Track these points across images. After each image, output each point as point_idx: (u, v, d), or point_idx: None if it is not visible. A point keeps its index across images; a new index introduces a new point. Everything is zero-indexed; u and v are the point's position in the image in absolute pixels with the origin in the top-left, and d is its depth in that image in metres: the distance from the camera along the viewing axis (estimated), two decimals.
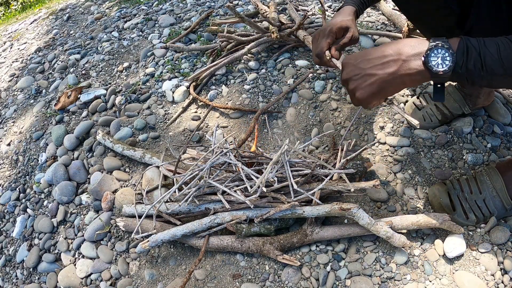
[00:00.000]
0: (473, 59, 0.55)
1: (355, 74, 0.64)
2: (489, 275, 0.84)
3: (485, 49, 0.55)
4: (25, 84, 1.98)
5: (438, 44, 0.56)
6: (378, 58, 0.61)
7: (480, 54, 0.55)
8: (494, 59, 0.55)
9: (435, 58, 0.56)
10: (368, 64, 0.62)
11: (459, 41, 0.57)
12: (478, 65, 0.55)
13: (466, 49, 0.56)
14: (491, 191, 0.88)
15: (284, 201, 0.90)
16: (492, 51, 0.55)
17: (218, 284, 0.94)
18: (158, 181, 1.13)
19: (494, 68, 0.55)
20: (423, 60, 0.57)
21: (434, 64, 0.56)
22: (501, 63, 0.55)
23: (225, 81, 1.44)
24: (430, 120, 1.11)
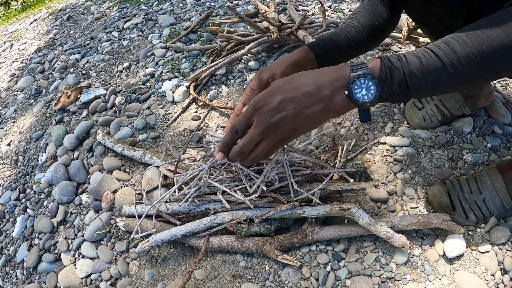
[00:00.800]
0: (397, 82, 0.53)
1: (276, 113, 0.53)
2: (489, 275, 0.84)
3: (408, 67, 0.53)
4: (25, 84, 1.98)
5: (360, 75, 0.52)
6: (300, 97, 0.53)
7: (404, 75, 0.53)
8: (418, 77, 0.53)
9: (359, 89, 0.53)
10: (290, 104, 0.53)
11: (380, 65, 0.54)
12: (403, 86, 0.53)
13: (390, 73, 0.53)
14: (491, 191, 0.88)
15: (284, 201, 0.90)
16: (415, 68, 0.53)
17: (218, 284, 0.94)
18: (158, 181, 1.13)
19: (420, 86, 0.53)
20: (347, 94, 0.54)
21: (359, 96, 0.53)
22: (425, 79, 0.53)
23: (225, 81, 1.44)
24: (430, 120, 1.11)
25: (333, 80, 0.54)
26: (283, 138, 0.56)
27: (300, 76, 0.55)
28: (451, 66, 0.52)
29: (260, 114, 0.54)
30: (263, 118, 0.54)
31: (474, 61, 0.51)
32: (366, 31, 0.87)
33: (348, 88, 0.53)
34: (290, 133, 0.56)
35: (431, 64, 0.52)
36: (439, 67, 0.52)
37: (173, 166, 1.09)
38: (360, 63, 0.54)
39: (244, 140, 0.56)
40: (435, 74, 0.52)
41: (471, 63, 0.51)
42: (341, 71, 0.54)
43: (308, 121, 0.55)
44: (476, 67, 0.51)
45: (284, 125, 0.54)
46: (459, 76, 0.52)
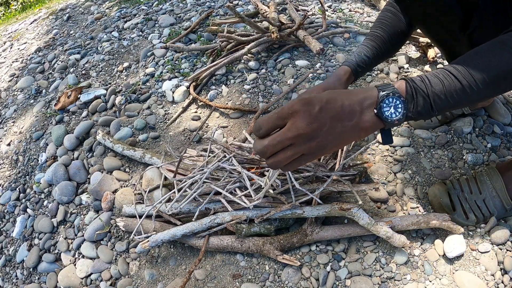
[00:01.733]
0: (422, 102, 0.56)
1: (315, 121, 0.51)
2: (489, 275, 0.84)
3: (432, 89, 0.56)
4: (25, 84, 1.98)
5: (388, 94, 0.54)
6: (337, 109, 0.52)
7: (428, 96, 0.56)
8: (441, 99, 0.56)
9: (388, 108, 0.54)
10: (328, 113, 0.51)
11: (406, 86, 0.56)
12: (427, 107, 0.56)
13: (415, 93, 0.56)
14: (491, 191, 0.88)
15: (284, 201, 0.90)
16: (438, 90, 0.56)
17: (218, 284, 0.94)
18: (158, 181, 1.13)
19: (443, 106, 0.57)
20: (376, 112, 0.54)
21: (388, 115, 0.54)
22: (447, 100, 0.56)
23: (225, 81, 1.44)
24: (430, 120, 1.11)
25: (362, 99, 0.54)
26: (310, 152, 0.53)
27: (333, 92, 0.54)
28: (469, 88, 0.56)
29: (297, 118, 0.50)
30: (299, 123, 0.50)
31: (488, 83, 0.56)
32: (391, 39, 0.93)
33: (377, 106, 0.54)
34: (320, 148, 0.53)
35: (452, 86, 0.56)
36: (459, 89, 0.56)
37: (173, 166, 1.09)
38: (386, 84, 0.56)
39: (271, 141, 0.52)
40: (456, 95, 0.56)
41: (486, 85, 0.56)
42: (370, 91, 0.55)
43: (338, 138, 0.53)
44: (490, 88, 0.57)
45: (318, 136, 0.51)
46: (476, 96, 0.57)
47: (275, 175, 0.86)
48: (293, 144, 0.52)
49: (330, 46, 1.47)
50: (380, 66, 1.35)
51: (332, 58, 1.41)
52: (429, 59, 1.33)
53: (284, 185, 0.91)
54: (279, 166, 0.55)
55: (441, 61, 1.36)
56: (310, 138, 0.52)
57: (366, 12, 1.73)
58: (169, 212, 0.99)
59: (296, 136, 0.51)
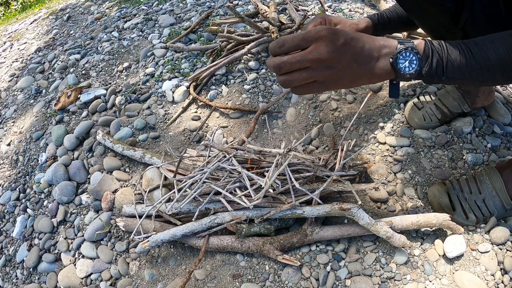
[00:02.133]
0: (436, 64, 0.58)
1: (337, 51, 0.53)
2: (489, 275, 0.84)
3: (447, 55, 0.58)
4: (25, 84, 1.98)
5: (407, 48, 0.57)
6: (358, 48, 0.55)
7: (442, 60, 0.58)
8: (454, 67, 0.58)
9: (403, 60, 0.57)
10: (349, 50, 0.54)
11: (424, 45, 0.59)
12: (439, 70, 0.58)
13: (431, 54, 0.58)
14: (491, 191, 0.88)
15: (284, 201, 0.90)
16: (453, 59, 0.58)
17: (218, 284, 0.94)
18: (158, 181, 1.13)
19: (453, 73, 0.58)
20: (391, 62, 0.57)
21: (402, 67, 0.57)
22: (460, 70, 0.58)
23: (225, 81, 1.44)
24: (430, 119, 1.11)
25: (382, 46, 0.57)
26: (324, 80, 0.55)
27: (358, 33, 0.57)
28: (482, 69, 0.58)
29: (321, 43, 0.52)
30: (322, 49, 0.52)
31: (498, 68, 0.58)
32: None
33: (394, 56, 0.57)
34: (333, 80, 0.55)
35: (467, 60, 0.58)
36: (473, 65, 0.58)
37: (173, 166, 1.09)
38: (407, 39, 0.58)
39: (291, 58, 0.53)
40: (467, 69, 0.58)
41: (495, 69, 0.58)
42: (390, 41, 0.58)
43: (351, 76, 0.56)
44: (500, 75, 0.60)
45: (335, 67, 0.54)
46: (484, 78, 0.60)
47: (275, 175, 0.86)
48: (310, 67, 0.54)
49: None
50: None
51: None
52: None
53: (284, 185, 0.91)
54: (290, 85, 0.56)
55: None
56: (328, 67, 0.53)
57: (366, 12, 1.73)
58: (169, 212, 0.99)
59: (315, 60, 0.53)
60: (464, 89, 1.08)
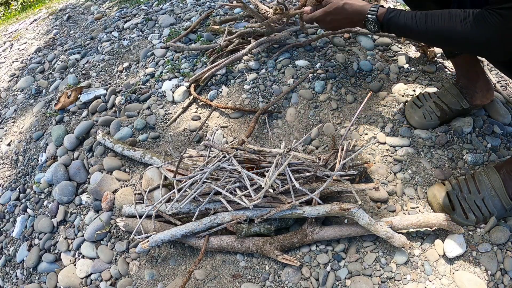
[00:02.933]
0: (392, 25, 0.88)
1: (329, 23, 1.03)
2: (489, 275, 0.84)
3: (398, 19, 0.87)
4: (25, 84, 1.98)
5: (370, 20, 0.91)
6: (342, 19, 0.99)
7: (396, 24, 0.87)
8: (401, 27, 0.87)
9: (369, 24, 0.93)
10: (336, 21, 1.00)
11: (384, 13, 0.89)
12: (394, 28, 0.89)
13: (388, 20, 0.88)
14: (490, 190, 0.88)
15: (284, 201, 0.90)
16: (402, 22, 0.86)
17: (218, 284, 0.94)
18: (158, 181, 1.13)
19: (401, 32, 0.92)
20: (363, 23, 0.94)
21: (369, 27, 0.93)
22: (403, 28, 0.87)
23: (225, 81, 1.44)
24: (430, 117, 1.11)
25: (357, 14, 0.95)
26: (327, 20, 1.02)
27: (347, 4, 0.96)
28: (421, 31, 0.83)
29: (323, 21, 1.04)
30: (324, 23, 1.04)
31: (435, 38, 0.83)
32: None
33: (364, 21, 0.94)
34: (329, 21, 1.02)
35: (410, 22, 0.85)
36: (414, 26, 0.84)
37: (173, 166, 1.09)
38: (375, 8, 0.91)
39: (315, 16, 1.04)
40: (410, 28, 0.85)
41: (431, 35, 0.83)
42: (362, 10, 0.94)
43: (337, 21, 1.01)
44: (433, 40, 0.85)
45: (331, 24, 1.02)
46: (421, 38, 0.98)
47: (275, 174, 0.87)
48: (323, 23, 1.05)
49: (330, 46, 1.47)
50: (380, 66, 1.35)
51: (332, 58, 1.41)
52: (429, 59, 1.33)
53: (284, 185, 0.91)
54: None
55: (441, 61, 1.36)
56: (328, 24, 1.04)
57: None
58: (169, 212, 0.99)
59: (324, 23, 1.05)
60: (461, 85, 1.08)
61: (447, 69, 1.34)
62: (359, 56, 1.40)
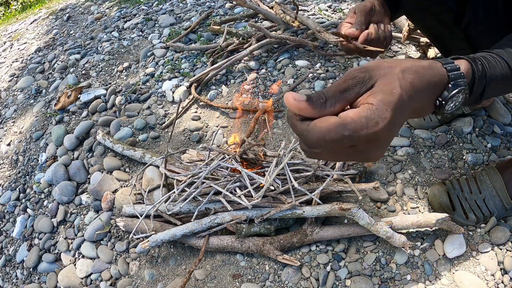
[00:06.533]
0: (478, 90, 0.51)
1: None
2: (489, 275, 0.84)
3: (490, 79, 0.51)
4: (25, 84, 1.98)
5: (460, 91, 0.46)
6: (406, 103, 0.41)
7: (485, 86, 0.51)
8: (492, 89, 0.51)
9: (451, 103, 0.47)
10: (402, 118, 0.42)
11: (472, 75, 0.50)
12: (477, 96, 0.52)
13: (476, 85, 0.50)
14: (491, 190, 0.88)
15: (284, 201, 0.90)
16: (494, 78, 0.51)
17: (218, 284, 0.94)
18: (157, 181, 1.13)
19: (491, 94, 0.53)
20: (438, 105, 0.47)
21: (448, 109, 0.47)
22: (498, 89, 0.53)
23: (225, 81, 1.44)
24: (430, 119, 1.11)
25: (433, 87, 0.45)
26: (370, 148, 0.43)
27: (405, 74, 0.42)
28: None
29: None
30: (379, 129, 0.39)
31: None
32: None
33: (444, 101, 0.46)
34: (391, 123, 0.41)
35: (504, 73, 0.51)
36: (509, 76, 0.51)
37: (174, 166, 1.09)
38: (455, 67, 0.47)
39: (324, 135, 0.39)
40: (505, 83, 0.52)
41: None
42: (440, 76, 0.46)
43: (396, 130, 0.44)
44: None
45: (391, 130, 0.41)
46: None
47: (275, 173, 0.87)
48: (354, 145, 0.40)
49: (330, 46, 1.47)
50: None
51: (332, 58, 1.41)
52: (429, 59, 1.33)
53: (284, 185, 0.91)
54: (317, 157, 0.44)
55: None
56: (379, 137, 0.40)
57: None
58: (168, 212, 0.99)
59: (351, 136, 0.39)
60: None
61: None
62: (359, 56, 1.40)
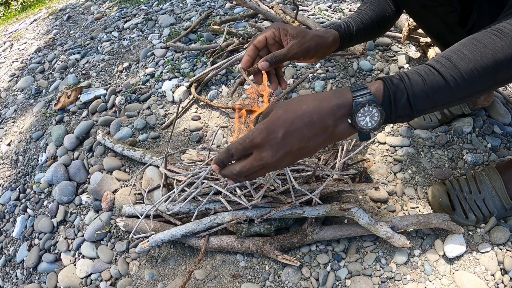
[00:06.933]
0: (401, 105, 0.52)
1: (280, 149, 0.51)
2: (489, 275, 0.84)
3: (412, 89, 0.51)
4: (25, 84, 1.98)
5: (364, 103, 0.50)
6: (304, 129, 0.50)
7: (408, 97, 0.51)
8: (421, 97, 0.51)
9: (363, 117, 0.51)
10: (294, 138, 0.51)
11: (383, 89, 0.52)
12: (406, 110, 0.52)
13: (394, 97, 0.51)
14: (491, 190, 0.88)
15: (284, 201, 0.90)
16: (418, 89, 0.51)
17: (218, 284, 0.94)
18: (157, 181, 1.13)
19: (425, 107, 0.52)
20: (350, 123, 0.52)
21: (363, 124, 0.51)
22: (429, 99, 0.52)
23: (225, 81, 1.44)
24: (430, 119, 1.11)
25: (335, 108, 0.51)
26: (282, 167, 0.55)
27: (300, 102, 0.52)
28: (454, 83, 0.50)
29: (261, 150, 0.51)
30: (265, 154, 0.51)
31: (477, 75, 0.50)
32: (377, 20, 0.88)
33: (352, 117, 0.51)
34: (290, 162, 0.54)
35: (434, 82, 0.51)
36: (442, 85, 0.51)
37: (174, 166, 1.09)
38: (361, 87, 0.52)
39: (242, 168, 0.53)
40: (439, 92, 0.51)
41: (474, 78, 0.50)
42: (343, 97, 0.52)
43: (309, 151, 0.53)
44: (479, 81, 0.51)
45: (286, 159, 0.52)
46: (462, 92, 0.52)
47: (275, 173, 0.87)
48: (263, 168, 0.53)
49: None
50: (380, 66, 1.35)
51: (332, 58, 1.41)
52: (429, 59, 1.33)
53: (284, 185, 0.91)
54: (250, 179, 0.57)
55: None
56: (280, 163, 0.52)
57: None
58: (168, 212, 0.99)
59: (264, 165, 0.52)
60: None
61: None
62: (359, 56, 1.40)
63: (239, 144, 0.53)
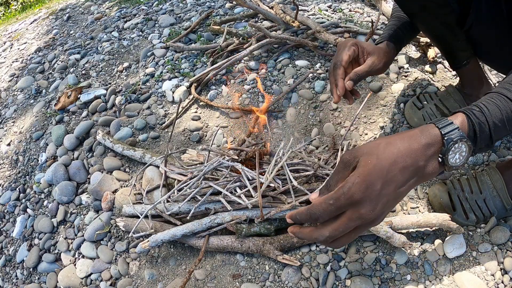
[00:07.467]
0: (483, 138, 0.52)
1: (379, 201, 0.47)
2: (489, 275, 0.84)
3: (492, 119, 0.51)
4: (25, 84, 1.98)
5: (456, 140, 0.49)
6: (399, 175, 0.47)
7: (489, 129, 0.51)
8: (499, 127, 0.52)
9: (453, 154, 0.49)
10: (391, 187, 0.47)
11: (468, 123, 0.51)
12: (487, 141, 0.52)
13: (479, 131, 0.51)
14: (492, 191, 0.88)
15: (284, 201, 0.90)
16: (497, 119, 0.51)
17: (218, 284, 0.94)
18: (157, 181, 1.13)
19: (501, 134, 0.53)
20: (440, 162, 0.50)
21: (453, 161, 0.50)
22: (505, 128, 0.52)
23: (225, 81, 1.44)
24: (430, 119, 1.11)
25: (426, 148, 0.49)
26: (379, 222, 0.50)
27: (389, 146, 0.49)
28: None
29: (360, 206, 0.46)
30: (365, 210, 0.46)
31: None
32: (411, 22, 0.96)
33: (443, 155, 0.49)
34: (386, 214, 0.50)
35: (509, 111, 0.52)
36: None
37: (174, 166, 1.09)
38: (447, 122, 0.50)
39: (333, 232, 0.48)
40: None
41: None
42: (431, 135, 0.50)
43: (402, 197, 0.50)
44: None
45: (385, 211, 0.48)
46: None
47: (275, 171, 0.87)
48: (357, 228, 0.48)
49: (330, 46, 1.46)
50: None
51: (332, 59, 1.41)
52: (429, 59, 1.33)
53: (284, 185, 0.91)
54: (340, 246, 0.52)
55: (441, 61, 1.36)
56: (376, 219, 0.48)
57: (366, 12, 1.73)
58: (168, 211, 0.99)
59: (360, 223, 0.47)
60: (466, 91, 1.07)
61: (447, 69, 1.34)
62: None
63: (329, 205, 0.47)
